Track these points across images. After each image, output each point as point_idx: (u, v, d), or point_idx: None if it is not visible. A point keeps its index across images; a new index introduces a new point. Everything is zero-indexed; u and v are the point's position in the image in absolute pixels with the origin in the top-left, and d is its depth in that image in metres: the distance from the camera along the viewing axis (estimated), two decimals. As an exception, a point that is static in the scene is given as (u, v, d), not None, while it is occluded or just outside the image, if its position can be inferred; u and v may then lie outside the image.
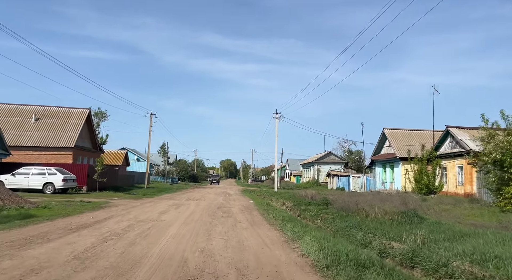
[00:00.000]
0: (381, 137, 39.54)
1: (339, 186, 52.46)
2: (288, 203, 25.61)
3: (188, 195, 33.73)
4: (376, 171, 41.10)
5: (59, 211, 15.19)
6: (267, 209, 21.02)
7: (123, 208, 17.87)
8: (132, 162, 68.86)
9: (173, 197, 31.00)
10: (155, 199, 27.20)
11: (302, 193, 31.45)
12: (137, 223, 12.30)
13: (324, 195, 29.72)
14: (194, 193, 38.87)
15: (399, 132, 38.24)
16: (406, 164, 35.07)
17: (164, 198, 29.15)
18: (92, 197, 24.43)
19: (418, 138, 37.24)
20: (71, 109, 39.62)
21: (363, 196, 28.74)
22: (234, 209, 19.71)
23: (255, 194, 40.74)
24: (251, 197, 34.25)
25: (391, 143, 36.69)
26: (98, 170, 29.83)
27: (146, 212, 16.22)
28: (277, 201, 28.72)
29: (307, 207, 21.09)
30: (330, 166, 70.12)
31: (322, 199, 23.78)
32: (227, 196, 33.91)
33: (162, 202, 23.37)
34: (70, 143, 36.05)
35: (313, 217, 17.54)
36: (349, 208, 18.42)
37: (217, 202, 25.07)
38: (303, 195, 29.82)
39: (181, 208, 19.00)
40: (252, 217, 15.89)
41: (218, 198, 31.08)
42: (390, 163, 37.57)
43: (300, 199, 27.09)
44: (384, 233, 11.11)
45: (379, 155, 40.60)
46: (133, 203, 21.61)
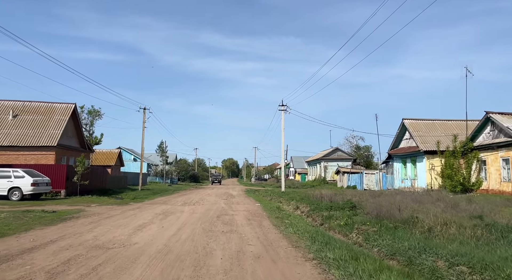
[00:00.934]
0: (400, 129, 34.91)
1: (350, 184, 47.86)
2: (303, 206, 21.06)
3: (185, 198, 29.19)
4: (395, 167, 36.49)
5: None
6: (280, 216, 16.44)
7: (92, 221, 13.31)
8: (129, 162, 64.40)
9: (167, 200, 26.45)
10: (144, 203, 22.68)
11: (315, 193, 26.90)
12: (87, 253, 7.73)
13: (340, 194, 25.23)
14: (192, 194, 34.35)
15: (421, 123, 33.62)
16: (432, 158, 30.50)
17: (156, 202, 24.61)
18: (66, 204, 19.91)
19: (443, 129, 32.64)
20: (54, 104, 35.07)
21: (388, 195, 24.25)
22: (238, 218, 15.15)
23: (260, 195, 36.19)
24: (257, 199, 29.69)
25: (413, 134, 32.08)
26: (79, 171, 25.31)
27: (118, 227, 11.66)
28: (288, 204, 24.19)
29: (330, 213, 16.56)
30: (338, 162, 65.50)
31: (345, 202, 19.16)
32: (229, 198, 29.37)
33: (150, 209, 18.81)
34: (53, 141, 31.48)
35: (343, 228, 13.01)
36: (389, 214, 13.88)
37: (217, 207, 20.50)
38: (317, 195, 25.26)
39: (170, 218, 14.43)
40: (264, 233, 11.31)
41: (219, 201, 26.53)
42: (412, 157, 32.96)
43: (315, 200, 22.59)
44: (495, 267, 6.53)
45: (397, 148, 35.99)
46: (112, 211, 17.07)
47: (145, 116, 39.48)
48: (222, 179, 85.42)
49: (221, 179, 76.53)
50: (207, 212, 17.53)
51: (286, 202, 25.14)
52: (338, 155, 66.07)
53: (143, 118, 39.49)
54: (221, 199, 28.12)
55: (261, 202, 26.74)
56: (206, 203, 24.51)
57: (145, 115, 39.43)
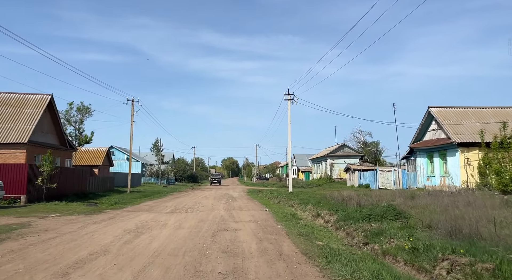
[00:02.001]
0: (425, 119, 29.90)
1: (362, 183, 42.89)
2: (325, 212, 16.02)
3: (177, 202, 24.18)
4: (418, 163, 31.49)
5: None
6: (304, 231, 11.37)
7: (12, 249, 8.29)
8: (122, 162, 59.35)
9: (154, 206, 21.45)
10: (123, 211, 17.67)
11: (333, 195, 21.96)
12: None
13: (364, 196, 20.33)
14: (187, 197, 29.32)
15: (451, 111, 28.62)
16: (467, 151, 25.52)
17: (140, 208, 19.61)
18: (15, 215, 14.86)
19: (478, 118, 27.65)
20: (27, 95, 30.01)
21: (426, 197, 19.33)
22: (244, 236, 10.14)
23: (265, 196, 31.19)
24: (262, 202, 24.69)
25: (442, 124, 27.07)
26: (46, 171, 20.28)
27: (39, 264, 6.66)
28: (303, 209, 19.18)
29: (372, 225, 11.58)
30: (345, 159, 60.56)
31: (384, 207, 14.10)
32: (230, 202, 24.37)
33: (123, 221, 13.78)
34: (23, 137, 26.43)
35: (411, 255, 8.01)
36: (475, 231, 8.91)
37: (214, 216, 15.46)
38: (337, 197, 20.32)
39: (139, 241, 9.39)
40: (294, 276, 6.27)
41: (217, 205, 21.53)
42: (441, 151, 27.96)
43: (338, 204, 17.67)
44: None
45: (421, 142, 30.98)
46: (68, 226, 12.07)
47: (134, 110, 34.47)
48: (222, 178, 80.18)
49: (221, 178, 70.36)
50: (200, 225, 12.52)
51: (300, 206, 20.16)
52: (345, 152, 61.09)
53: (131, 112, 34.51)
54: (220, 203, 23.12)
55: (269, 206, 21.75)
56: (202, 209, 19.52)
57: (134, 108, 34.43)
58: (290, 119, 32.53)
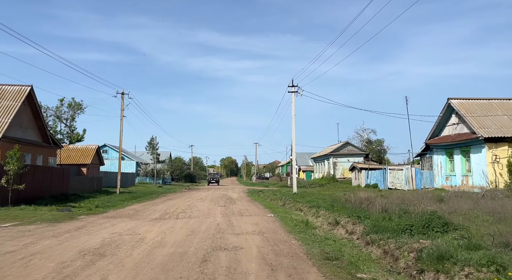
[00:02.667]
0: (444, 113, 26.79)
1: (369, 182, 39.80)
2: (345, 220, 12.87)
3: (168, 205, 21.04)
4: (435, 160, 28.39)
5: None
6: (329, 250, 8.25)
7: None
8: (115, 161, 55.98)
9: (141, 210, 18.30)
10: (99, 218, 14.52)
11: (348, 197, 18.91)
12: None
13: (384, 197, 17.34)
14: (181, 199, 26.17)
15: (475, 103, 25.53)
16: (495, 147, 22.46)
17: (122, 213, 16.46)
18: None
19: (504, 110, 24.60)
20: (2, 86, 26.80)
21: (457, 200, 16.38)
22: (247, 261, 7.00)
23: (267, 197, 28.08)
24: (266, 205, 21.56)
25: (466, 117, 23.98)
26: (12, 170, 17.10)
27: None
28: (314, 214, 16.03)
29: (423, 242, 8.48)
30: (348, 158, 57.51)
31: (425, 215, 10.94)
32: (228, 205, 21.24)
33: (91, 233, 10.64)
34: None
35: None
36: None
37: (208, 227, 12.29)
38: (353, 200, 17.31)
39: (90, 273, 6.25)
40: None
41: (214, 209, 18.40)
42: (463, 147, 24.87)
43: (357, 209, 14.65)
44: None
45: (439, 137, 27.89)
46: (14, 241, 8.94)
47: (124, 103, 31.28)
48: (220, 178, 76.85)
49: (219, 178, 65.71)
50: (188, 240, 9.39)
51: (310, 210, 17.03)
52: (348, 150, 57.99)
53: (121, 105, 31.29)
54: (218, 206, 19.99)
55: (273, 210, 18.64)
56: (195, 214, 16.40)
57: (124, 102, 31.24)
58: (294, 114, 29.45)
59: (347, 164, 57.77)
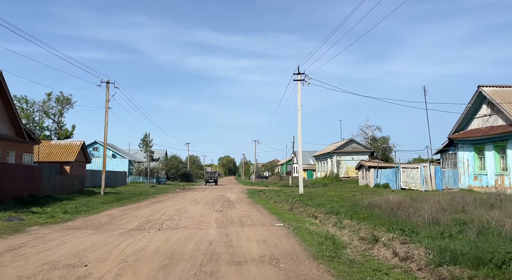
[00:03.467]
0: (473, 103, 23.15)
1: (379, 182, 36.20)
2: (387, 236, 9.25)
3: (155, 209, 17.32)
4: (460, 157, 24.76)
5: None
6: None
7: None
8: (107, 159, 52.23)
9: (118, 216, 14.58)
10: (56, 230, 10.81)
11: (373, 200, 15.35)
12: None
13: (420, 201, 13.82)
14: (172, 201, 22.43)
15: (510, 91, 21.92)
16: (540, 141, 18.84)
17: (91, 222, 12.75)
18: None
19: (546, 99, 20.99)
20: (-34, 71, 23.06)
21: (508, 205, 12.72)
22: None
23: (270, 199, 24.43)
24: (270, 209, 17.81)
25: (502, 106, 20.34)
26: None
27: None
28: (336, 223, 12.29)
29: None
30: (353, 156, 53.92)
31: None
32: (226, 209, 17.52)
33: (3, 266, 6.93)
34: (-45, 124, 19.62)
35: None
36: None
37: (196, 247, 8.55)
38: (383, 205, 13.70)
39: None
40: None
41: (207, 216, 14.68)
42: (497, 141, 21.25)
43: (390, 217, 11.10)
44: None
45: (466, 131, 24.25)
46: None
47: (109, 93, 27.47)
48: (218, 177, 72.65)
49: (217, 177, 59.16)
50: (160, 277, 5.70)
51: (329, 218, 13.36)
52: (353, 148, 54.35)
53: (106, 96, 27.49)
54: (213, 211, 16.30)
55: (281, 216, 14.96)
56: (183, 222, 12.73)
57: (109, 92, 27.43)
58: (300, 105, 25.71)
59: (351, 162, 54.20)
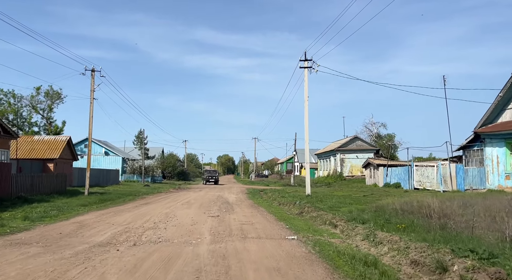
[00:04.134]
0: (505, 92, 20.22)
1: (389, 181, 33.33)
2: (465, 266, 6.31)
3: (138, 214, 14.36)
4: (488, 154, 21.83)
5: None
6: None
7: None
8: (99, 156, 49.31)
9: (90, 224, 11.64)
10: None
11: (402, 205, 12.45)
12: None
13: (465, 205, 10.90)
14: (162, 203, 19.44)
15: (549, 76, 18.97)
16: None
17: (48, 233, 9.81)
18: None
19: None
20: None
21: None
22: None
23: (273, 200, 21.54)
24: (276, 214, 14.81)
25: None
26: None
27: None
28: (368, 237, 9.17)
29: None
30: (357, 154, 51.06)
31: None
32: (224, 213, 14.55)
33: None
34: None
35: None
36: None
37: (178, 277, 5.60)
38: (422, 211, 10.78)
39: None
40: None
41: (200, 225, 11.71)
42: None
43: (440, 229, 8.08)
44: None
45: (496, 124, 21.33)
46: None
47: (94, 83, 24.43)
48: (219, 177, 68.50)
49: (218, 177, 53.46)
50: None
51: (354, 228, 10.43)
52: (357, 145, 51.45)
53: (91, 85, 24.45)
54: (207, 217, 13.35)
55: (291, 223, 12.05)
56: (169, 233, 9.85)
57: (94, 81, 24.38)
58: (307, 95, 22.75)
59: (355, 160, 51.33)
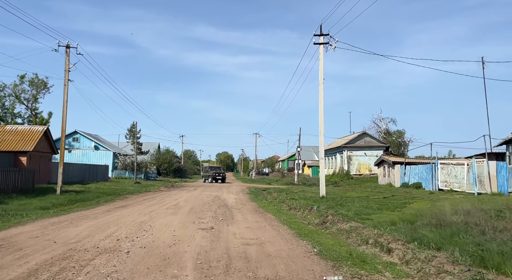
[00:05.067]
0: None
1: (407, 181, 29.37)
2: None
3: (103, 222, 10.33)
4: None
5: None
6: None
7: None
8: (88, 151, 45.20)
9: (15, 244, 7.61)
10: None
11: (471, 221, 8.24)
12: None
13: None
14: (143, 206, 15.35)
15: None
16: None
17: None
18: None
19: None
20: None
21: None
22: None
23: (281, 203, 17.52)
24: (293, 226, 10.64)
25: None
26: None
27: None
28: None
29: None
30: (365, 151, 47.12)
31: None
32: (220, 223, 10.51)
33: None
34: None
35: None
36: None
37: None
38: None
39: None
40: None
41: (184, 244, 7.63)
42: None
43: None
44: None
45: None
46: None
47: (69, 61, 20.31)
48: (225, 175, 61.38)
49: (225, 174, 47.47)
50: None
51: (419, 251, 6.47)
52: (366, 142, 47.46)
53: (65, 64, 20.32)
54: (197, 229, 9.33)
55: (320, 243, 8.02)
56: (129, 263, 5.84)
57: (69, 59, 20.26)
58: (322, 77, 18.66)
59: (363, 158, 47.38)
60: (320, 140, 18.80)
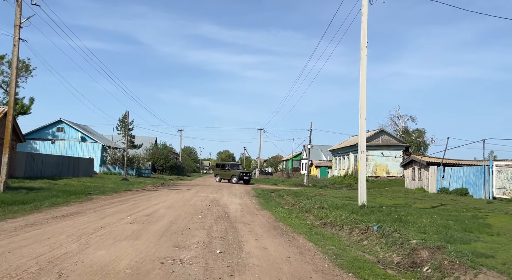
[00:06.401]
0: None
1: (448, 186, 23.82)
2: None
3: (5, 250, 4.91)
4: None
5: None
6: None
7: None
8: (74, 142, 39.70)
9: None
10: None
11: None
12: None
13: None
14: (96, 216, 9.94)
15: None
16: None
17: None
18: None
19: None
20: None
21: None
22: None
23: (305, 212, 11.93)
24: (365, 277, 5.33)
25: None
26: None
27: None
28: None
29: None
30: (383, 151, 41.63)
31: None
32: (220, 266, 5.09)
33: None
34: None
35: None
36: None
37: None
38: None
39: None
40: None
41: None
42: None
43: None
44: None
45: None
46: None
47: (21, 12, 14.88)
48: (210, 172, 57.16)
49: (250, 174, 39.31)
50: None
51: None
52: (383, 140, 41.91)
53: (15, 19, 14.87)
54: None
55: None
56: None
57: (21, 10, 14.84)
58: (366, 39, 13.19)
59: (380, 158, 41.87)
60: (360, 125, 13.30)
